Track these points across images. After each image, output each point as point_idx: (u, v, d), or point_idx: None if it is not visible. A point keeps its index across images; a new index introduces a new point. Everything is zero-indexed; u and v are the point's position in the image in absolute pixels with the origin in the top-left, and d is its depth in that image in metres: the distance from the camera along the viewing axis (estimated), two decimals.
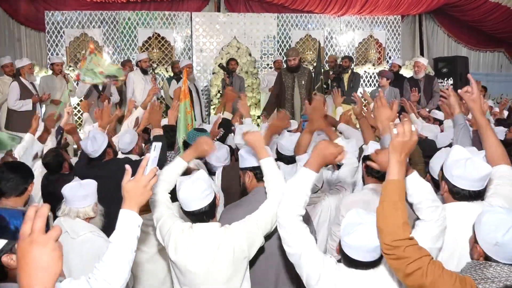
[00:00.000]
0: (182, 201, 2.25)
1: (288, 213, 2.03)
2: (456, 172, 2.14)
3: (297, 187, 2.05)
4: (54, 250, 1.07)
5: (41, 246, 1.05)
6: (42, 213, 1.08)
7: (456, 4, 10.87)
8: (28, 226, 1.07)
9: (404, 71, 10.23)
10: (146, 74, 7.77)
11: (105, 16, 9.74)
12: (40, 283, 1.04)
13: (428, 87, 7.62)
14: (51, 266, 1.06)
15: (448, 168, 2.18)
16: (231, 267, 2.24)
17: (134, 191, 1.80)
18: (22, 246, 1.06)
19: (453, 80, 9.82)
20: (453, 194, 2.18)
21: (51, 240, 1.07)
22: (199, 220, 2.28)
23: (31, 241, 1.05)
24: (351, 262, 1.90)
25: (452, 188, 2.18)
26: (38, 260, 1.05)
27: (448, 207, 2.17)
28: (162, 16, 9.91)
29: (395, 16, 10.79)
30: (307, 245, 1.98)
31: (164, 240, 2.31)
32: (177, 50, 10.00)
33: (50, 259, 1.06)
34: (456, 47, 12.15)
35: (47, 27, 9.53)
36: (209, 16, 10.10)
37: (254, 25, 10.08)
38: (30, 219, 1.07)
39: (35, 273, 1.04)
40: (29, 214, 1.08)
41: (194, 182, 2.23)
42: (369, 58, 10.66)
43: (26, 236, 1.06)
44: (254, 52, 9.97)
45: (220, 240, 2.23)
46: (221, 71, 8.71)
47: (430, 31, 12.07)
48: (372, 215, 1.85)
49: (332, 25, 10.54)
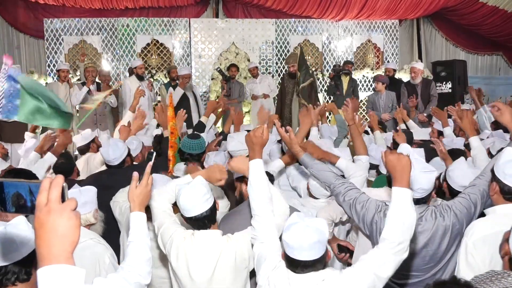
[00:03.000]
0: (182, 208, 2.24)
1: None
2: (509, 171, 2.19)
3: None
4: (71, 218, 1.08)
5: (58, 215, 1.07)
6: (57, 182, 1.09)
7: (454, 8, 10.89)
8: (44, 196, 1.08)
9: (403, 75, 10.26)
10: (142, 80, 7.76)
11: (104, 23, 9.77)
12: (58, 252, 1.06)
13: (425, 92, 7.62)
14: (68, 234, 1.07)
15: (500, 168, 2.23)
16: (232, 276, 2.23)
17: (142, 195, 2.07)
18: (39, 216, 1.07)
19: (451, 83, 9.84)
20: (505, 193, 2.23)
21: (68, 209, 1.08)
22: (200, 225, 2.26)
23: (48, 211, 1.07)
24: (292, 263, 1.90)
25: (503, 187, 2.22)
26: (56, 229, 1.06)
27: (498, 209, 2.25)
28: (161, 23, 9.93)
29: (393, 21, 10.82)
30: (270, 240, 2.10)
31: (165, 247, 2.29)
32: (175, 56, 10.02)
33: (67, 227, 1.07)
34: (454, 50, 12.17)
35: (46, 35, 9.54)
36: (207, 22, 10.13)
37: (253, 30, 10.11)
38: (46, 190, 1.08)
39: (53, 242, 1.06)
40: (44, 185, 1.09)
41: (193, 187, 2.22)
42: (368, 62, 10.68)
43: (42, 206, 1.07)
44: (252, 58, 9.99)
45: (222, 248, 2.22)
46: (220, 77, 8.74)
47: (428, 35, 12.10)
48: (310, 217, 1.93)
49: (330, 30, 10.57)
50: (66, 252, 1.07)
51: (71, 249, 1.08)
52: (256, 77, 8.90)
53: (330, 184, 2.66)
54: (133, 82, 7.68)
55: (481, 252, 2.18)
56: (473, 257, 2.19)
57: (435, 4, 10.62)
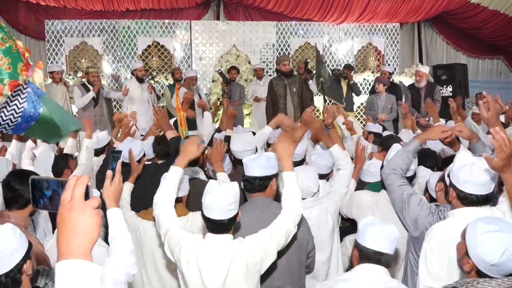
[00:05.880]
0: (205, 205, 2.18)
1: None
2: (462, 177, 2.16)
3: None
4: (92, 216, 1.11)
5: (79, 212, 1.09)
6: (82, 181, 1.12)
7: (455, 12, 10.90)
8: (68, 193, 1.11)
9: (403, 78, 10.26)
10: (142, 82, 7.73)
11: (105, 24, 9.76)
12: (77, 248, 1.08)
13: (429, 95, 7.60)
14: (88, 232, 1.10)
15: (454, 174, 2.21)
16: (244, 281, 2.18)
17: (117, 192, 2.17)
18: (62, 212, 1.10)
19: (452, 87, 9.85)
20: (461, 199, 2.20)
21: (90, 206, 1.11)
22: (214, 229, 2.20)
23: (70, 207, 1.10)
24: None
25: (459, 193, 2.19)
26: (76, 225, 1.09)
27: (457, 212, 2.21)
28: (162, 25, 9.93)
29: (394, 24, 10.82)
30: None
31: (174, 253, 2.23)
32: (176, 59, 10.01)
33: (88, 225, 1.10)
34: (455, 54, 12.18)
35: (47, 36, 9.54)
36: (208, 24, 10.14)
37: (254, 33, 10.11)
38: (71, 187, 1.12)
39: (73, 238, 1.08)
40: (70, 183, 1.12)
41: (223, 192, 2.15)
42: (368, 65, 10.68)
43: (66, 202, 1.11)
44: (253, 60, 9.99)
45: (234, 252, 2.16)
46: (221, 79, 8.73)
47: (429, 39, 12.12)
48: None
49: (331, 33, 10.57)
50: (85, 249, 1.09)
51: (90, 246, 1.11)
52: (260, 78, 8.89)
53: (396, 168, 2.62)
54: (133, 85, 7.66)
55: (438, 256, 2.17)
56: (431, 262, 2.17)
57: (436, 8, 10.63)
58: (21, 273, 1.75)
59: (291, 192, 2.37)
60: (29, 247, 1.81)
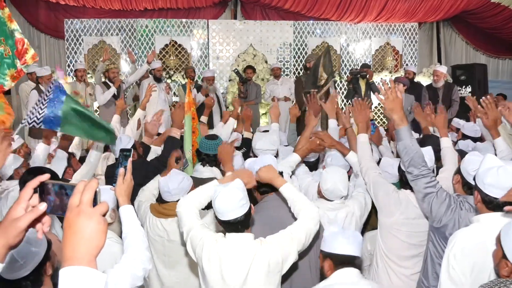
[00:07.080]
0: (217, 210, 2.19)
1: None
2: (488, 181, 2.08)
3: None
4: (99, 223, 1.09)
5: (87, 218, 1.08)
6: (91, 186, 1.11)
7: (474, 11, 10.74)
8: (76, 197, 1.10)
9: (421, 78, 10.15)
10: (160, 82, 7.77)
11: (123, 24, 9.86)
12: (82, 254, 1.06)
13: (447, 96, 7.53)
14: (95, 238, 1.08)
15: (480, 177, 2.13)
16: (265, 280, 2.18)
17: (129, 189, 2.21)
18: (69, 217, 1.09)
19: (471, 87, 9.71)
20: (486, 203, 2.13)
21: (97, 213, 1.10)
22: (233, 229, 2.22)
23: (78, 212, 1.08)
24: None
25: (484, 197, 2.12)
26: (83, 231, 1.07)
27: (482, 218, 2.14)
28: (179, 24, 9.99)
29: (412, 24, 10.72)
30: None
31: (195, 251, 2.25)
32: (193, 58, 10.06)
33: (94, 231, 1.08)
34: (474, 54, 12.01)
35: (66, 35, 9.68)
36: (225, 24, 10.16)
37: (271, 32, 10.11)
38: (79, 192, 1.10)
39: (78, 244, 1.07)
40: (78, 187, 1.11)
41: (230, 190, 2.17)
42: (386, 65, 10.60)
43: (74, 207, 1.09)
44: (270, 59, 9.99)
45: (255, 251, 2.17)
46: (237, 78, 8.75)
47: (448, 38, 11.97)
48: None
49: (348, 33, 10.52)
50: (90, 255, 1.07)
51: (96, 253, 1.09)
52: (278, 78, 8.90)
53: (418, 165, 2.54)
54: (151, 83, 7.69)
55: (462, 263, 2.10)
56: (454, 269, 2.11)
57: (455, 7, 10.49)
58: (42, 274, 1.77)
59: (297, 200, 2.41)
60: (48, 248, 1.82)
